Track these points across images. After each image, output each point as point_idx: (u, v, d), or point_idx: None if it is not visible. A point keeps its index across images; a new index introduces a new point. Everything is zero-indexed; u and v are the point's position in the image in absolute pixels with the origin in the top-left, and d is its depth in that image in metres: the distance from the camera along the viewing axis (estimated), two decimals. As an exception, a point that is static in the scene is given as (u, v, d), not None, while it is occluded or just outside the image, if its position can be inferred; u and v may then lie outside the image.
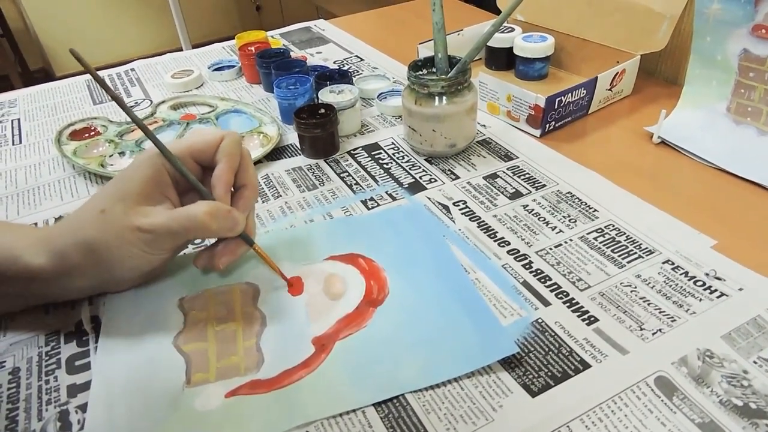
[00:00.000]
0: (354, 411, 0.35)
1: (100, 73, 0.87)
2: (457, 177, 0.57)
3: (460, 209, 0.52)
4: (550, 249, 0.47)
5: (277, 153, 0.63)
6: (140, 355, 0.40)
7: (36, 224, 0.54)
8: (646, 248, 0.46)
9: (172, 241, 0.40)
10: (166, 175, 0.41)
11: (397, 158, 0.60)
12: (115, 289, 0.44)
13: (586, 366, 0.37)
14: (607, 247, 0.46)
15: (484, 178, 0.56)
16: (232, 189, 0.42)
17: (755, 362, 0.36)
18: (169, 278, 0.46)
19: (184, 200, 0.42)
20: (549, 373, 0.37)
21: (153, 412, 0.36)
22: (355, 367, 0.38)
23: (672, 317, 0.40)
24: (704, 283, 0.42)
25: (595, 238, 0.47)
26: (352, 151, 0.62)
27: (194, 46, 1.20)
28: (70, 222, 0.40)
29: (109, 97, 0.38)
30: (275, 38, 0.94)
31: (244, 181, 0.43)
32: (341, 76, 0.71)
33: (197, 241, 0.49)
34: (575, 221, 0.49)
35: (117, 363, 0.39)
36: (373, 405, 0.35)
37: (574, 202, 0.52)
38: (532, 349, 0.38)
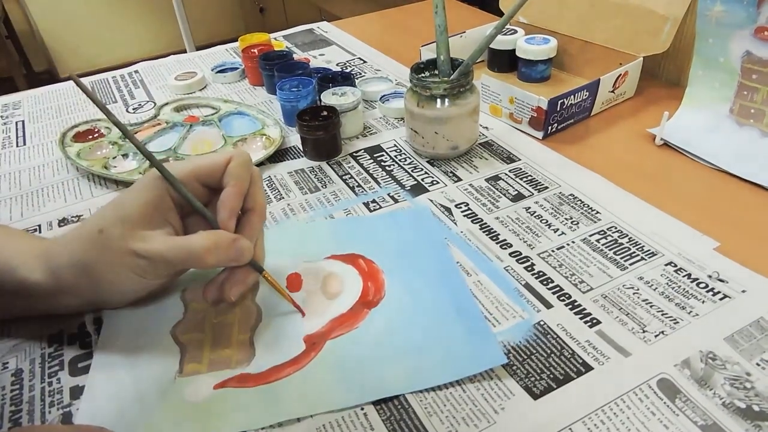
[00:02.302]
0: (356, 414, 0.35)
1: (104, 75, 0.88)
2: (459, 179, 0.57)
3: (462, 211, 0.52)
4: (553, 251, 0.47)
5: (279, 155, 0.63)
6: (139, 341, 0.41)
7: (39, 226, 0.54)
8: (649, 250, 0.46)
9: (168, 269, 0.39)
10: (169, 199, 0.39)
11: (400, 160, 0.61)
12: (110, 308, 0.43)
13: (589, 368, 0.37)
14: (610, 249, 0.46)
15: (486, 180, 0.56)
16: (240, 212, 0.40)
17: (758, 364, 0.36)
18: None
19: (189, 222, 0.41)
20: (551, 376, 0.36)
21: (144, 399, 0.36)
22: (343, 367, 0.38)
23: (674, 319, 0.40)
24: (707, 285, 0.42)
25: (598, 240, 0.47)
26: (354, 153, 0.62)
27: (198, 48, 1.20)
28: (69, 239, 0.39)
29: (105, 115, 0.38)
30: (278, 40, 0.94)
31: (252, 205, 0.41)
32: (344, 79, 0.71)
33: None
34: (577, 223, 0.49)
35: (116, 348, 0.40)
36: (375, 407, 0.35)
37: (576, 204, 0.52)
38: (534, 351, 0.38)
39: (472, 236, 0.49)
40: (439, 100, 0.56)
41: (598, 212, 0.50)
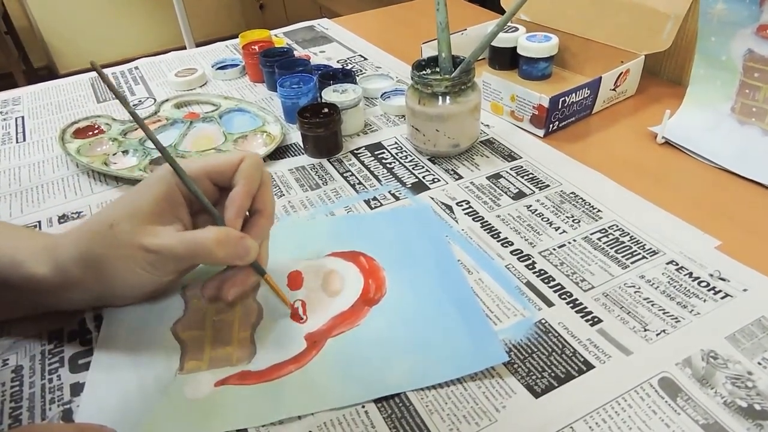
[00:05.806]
0: (357, 411, 0.35)
1: (104, 71, 0.87)
2: (461, 177, 0.57)
3: (463, 209, 0.52)
4: (554, 249, 0.47)
5: (280, 152, 0.63)
6: (139, 338, 0.41)
7: (39, 222, 0.54)
8: (650, 249, 0.46)
9: (178, 264, 0.39)
10: (179, 195, 0.39)
11: (401, 158, 0.60)
12: (115, 305, 0.43)
13: (590, 367, 0.37)
14: (611, 248, 0.46)
15: (488, 178, 0.56)
16: (247, 213, 0.40)
17: (760, 363, 0.36)
18: None
19: (198, 221, 0.41)
20: (552, 374, 0.36)
21: (144, 397, 0.36)
22: (344, 365, 0.38)
23: (676, 318, 0.40)
24: (708, 284, 0.42)
25: (599, 239, 0.47)
26: (355, 151, 0.62)
27: (198, 45, 1.20)
28: (77, 233, 0.39)
29: (122, 104, 0.38)
30: (279, 37, 0.94)
31: (260, 207, 0.41)
32: (345, 76, 0.71)
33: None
34: (579, 221, 0.49)
35: (116, 344, 0.40)
36: (376, 405, 0.35)
37: (577, 202, 0.52)
38: (536, 349, 0.38)
39: (473, 234, 0.49)
40: (440, 98, 0.56)
41: (599, 210, 0.50)
